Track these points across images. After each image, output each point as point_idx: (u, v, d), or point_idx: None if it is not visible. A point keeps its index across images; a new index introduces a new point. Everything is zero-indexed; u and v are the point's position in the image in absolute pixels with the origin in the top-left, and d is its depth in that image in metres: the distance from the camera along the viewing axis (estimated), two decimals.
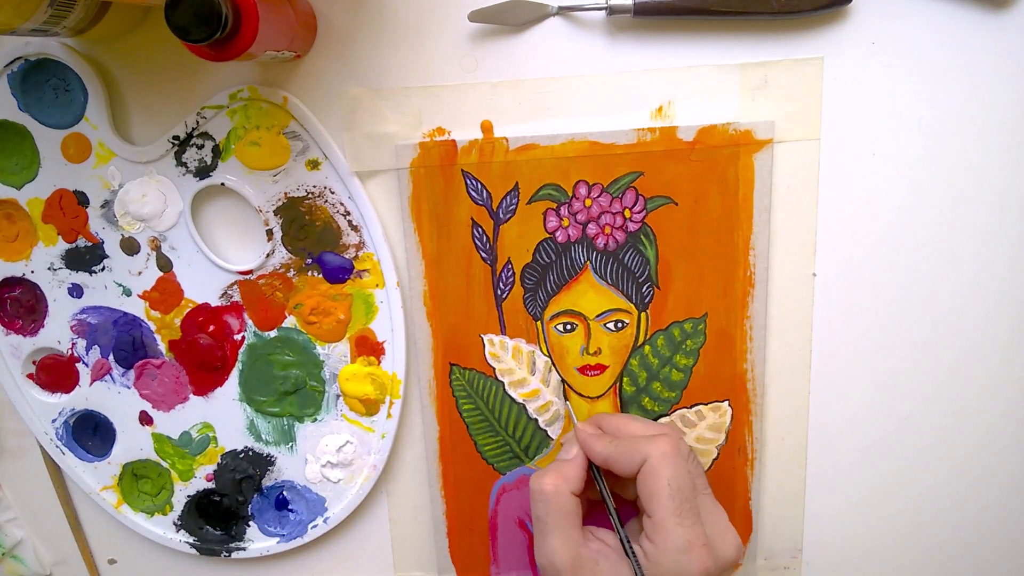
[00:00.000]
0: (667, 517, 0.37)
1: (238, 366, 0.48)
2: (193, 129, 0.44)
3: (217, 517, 0.52)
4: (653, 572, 0.38)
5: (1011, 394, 0.46)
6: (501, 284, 0.46)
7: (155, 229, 0.46)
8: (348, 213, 0.45)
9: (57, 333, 0.49)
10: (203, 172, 0.45)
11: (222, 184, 0.45)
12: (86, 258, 0.47)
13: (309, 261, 0.46)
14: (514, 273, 0.45)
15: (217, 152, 0.44)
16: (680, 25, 0.42)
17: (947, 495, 0.48)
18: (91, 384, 0.50)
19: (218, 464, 0.50)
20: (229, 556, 0.52)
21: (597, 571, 0.39)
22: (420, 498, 0.50)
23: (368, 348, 0.47)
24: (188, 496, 0.51)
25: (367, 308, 0.46)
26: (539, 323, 0.46)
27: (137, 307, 0.48)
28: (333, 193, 0.44)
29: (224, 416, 0.49)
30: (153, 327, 0.48)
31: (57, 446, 0.51)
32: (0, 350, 0.50)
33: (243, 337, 0.48)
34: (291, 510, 0.51)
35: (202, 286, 0.47)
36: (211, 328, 0.48)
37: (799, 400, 0.47)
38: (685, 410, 0.47)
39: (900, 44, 0.41)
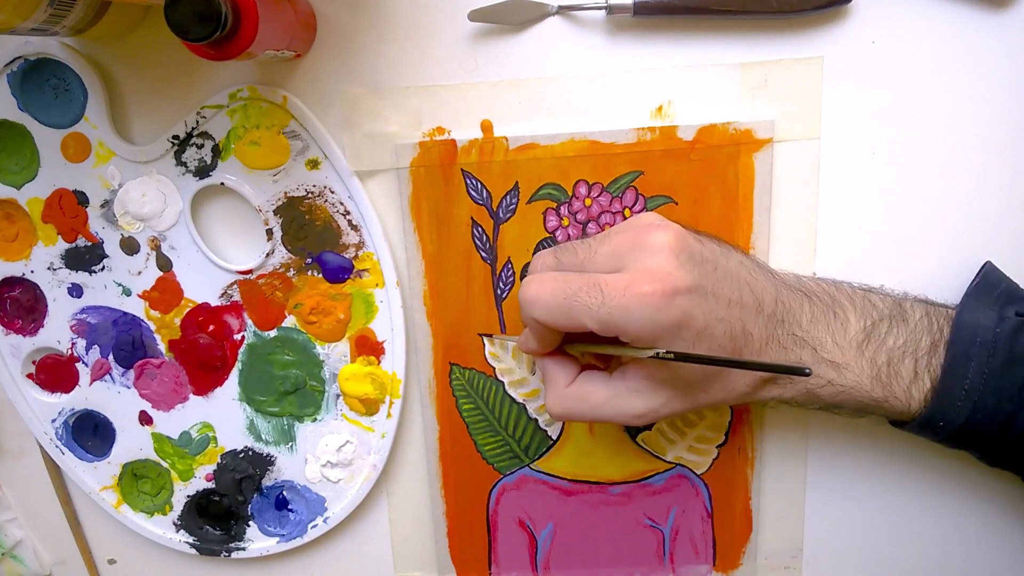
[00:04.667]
0: (589, 315, 0.35)
1: (238, 366, 0.48)
2: (193, 129, 0.44)
3: (217, 517, 0.52)
4: (643, 344, 0.35)
5: None
6: (501, 284, 0.46)
7: (155, 229, 0.46)
8: (348, 213, 0.45)
9: (57, 333, 0.49)
10: (203, 172, 0.45)
11: (222, 184, 0.45)
12: (86, 258, 0.47)
13: (309, 261, 0.46)
14: (514, 273, 0.45)
15: (217, 152, 0.44)
16: (680, 24, 0.42)
17: (948, 495, 0.48)
18: (91, 384, 0.50)
19: (218, 464, 0.50)
20: (229, 556, 0.52)
21: (647, 380, 0.38)
22: (420, 498, 0.50)
23: (368, 348, 0.47)
24: (188, 496, 0.51)
25: (367, 308, 0.46)
26: None
27: (137, 307, 0.48)
28: (333, 193, 0.44)
29: (224, 416, 0.49)
30: (153, 327, 0.48)
31: (57, 446, 0.51)
32: (0, 350, 0.50)
33: (243, 337, 0.48)
34: (291, 510, 0.51)
35: (202, 286, 0.47)
36: (211, 328, 0.48)
37: None
38: None
39: (900, 44, 0.41)
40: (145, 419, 0.50)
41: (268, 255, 0.46)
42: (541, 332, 0.39)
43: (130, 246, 0.47)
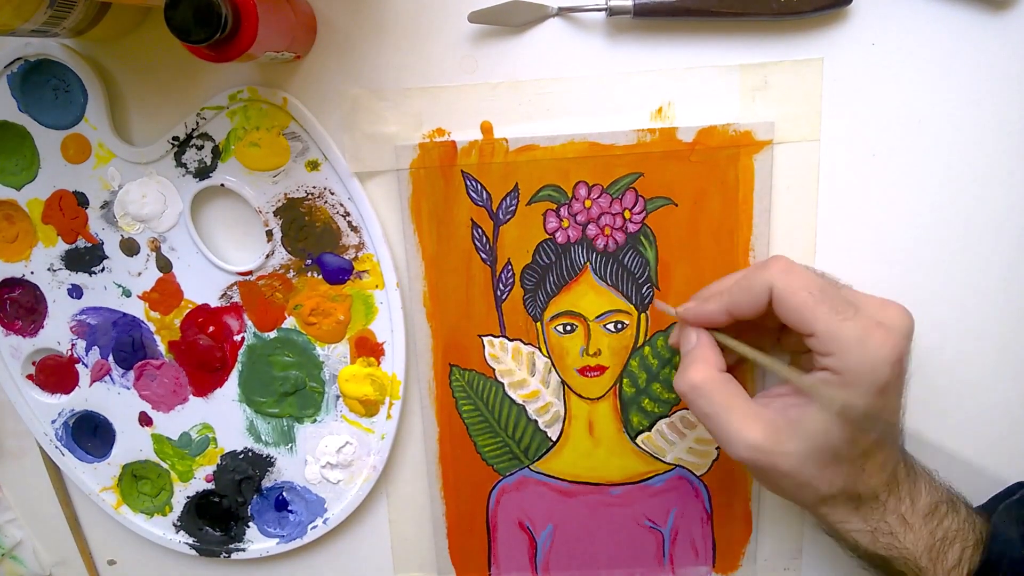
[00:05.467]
0: (829, 321, 0.35)
1: (238, 367, 0.48)
2: (193, 130, 0.44)
3: (217, 518, 0.52)
4: (847, 381, 0.35)
5: (1011, 395, 0.46)
6: (501, 285, 0.46)
7: (155, 230, 0.46)
8: (348, 214, 0.45)
9: (57, 334, 0.49)
10: (203, 173, 0.45)
11: (222, 185, 0.45)
12: (86, 259, 0.47)
13: (309, 262, 0.46)
14: (514, 274, 0.45)
15: (217, 153, 0.44)
16: (680, 26, 0.42)
17: None
18: (91, 385, 0.50)
19: (218, 465, 0.50)
20: (229, 557, 0.52)
21: (795, 423, 0.36)
22: (420, 498, 0.50)
23: (368, 349, 0.47)
24: (188, 497, 0.51)
25: (367, 309, 0.46)
26: (539, 324, 0.46)
27: (137, 308, 0.48)
28: (333, 194, 0.44)
29: (224, 417, 0.49)
30: (153, 328, 0.48)
31: (57, 447, 0.51)
32: (0, 351, 0.50)
33: (243, 338, 0.48)
34: (291, 511, 0.51)
35: (202, 287, 0.47)
36: (211, 329, 0.48)
37: None
38: (685, 411, 0.47)
39: (900, 44, 0.41)
40: (145, 420, 0.50)
41: (268, 256, 0.46)
42: (739, 306, 0.38)
43: (130, 247, 0.47)
